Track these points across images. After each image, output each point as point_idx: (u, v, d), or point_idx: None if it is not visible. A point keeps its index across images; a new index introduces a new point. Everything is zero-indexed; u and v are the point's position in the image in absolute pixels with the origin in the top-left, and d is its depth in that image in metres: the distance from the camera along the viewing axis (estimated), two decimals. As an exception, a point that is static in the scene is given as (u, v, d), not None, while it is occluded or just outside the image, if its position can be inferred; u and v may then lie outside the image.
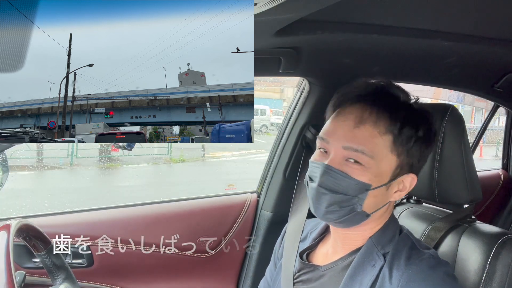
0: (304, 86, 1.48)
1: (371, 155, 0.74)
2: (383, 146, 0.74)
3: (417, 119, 0.77)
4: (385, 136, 0.75)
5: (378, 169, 0.74)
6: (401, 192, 0.79)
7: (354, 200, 0.75)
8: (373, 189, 0.75)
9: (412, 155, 0.77)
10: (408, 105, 0.79)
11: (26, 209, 2.96)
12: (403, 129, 0.75)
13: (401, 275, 0.73)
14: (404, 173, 0.78)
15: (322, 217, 0.79)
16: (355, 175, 0.74)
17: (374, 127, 0.74)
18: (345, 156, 0.75)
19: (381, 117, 0.75)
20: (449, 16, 1.04)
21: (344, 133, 0.75)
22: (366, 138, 0.74)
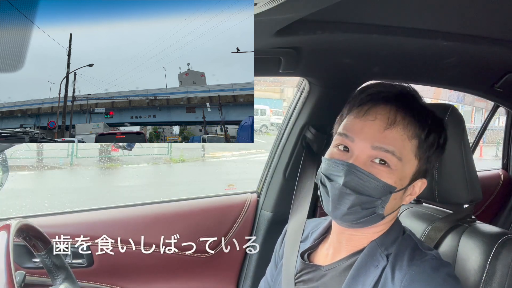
0: (304, 86, 1.48)
1: (399, 157, 0.74)
2: (410, 150, 0.75)
3: (440, 127, 0.80)
4: (413, 140, 0.75)
5: (403, 172, 0.75)
6: (412, 196, 0.81)
7: (377, 202, 0.74)
8: (396, 192, 0.75)
9: (431, 161, 0.79)
10: (433, 113, 0.80)
11: (26, 209, 2.96)
12: (429, 135, 0.77)
13: (403, 276, 0.73)
14: (419, 178, 0.79)
15: (340, 217, 0.77)
16: (382, 176, 0.73)
17: (404, 130, 0.75)
18: (372, 156, 0.74)
19: (411, 122, 0.76)
20: (449, 16, 1.04)
21: (374, 133, 0.74)
22: (397, 140, 0.74)
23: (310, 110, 1.46)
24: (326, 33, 1.04)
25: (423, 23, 1.08)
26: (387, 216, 0.79)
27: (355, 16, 1.02)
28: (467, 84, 1.69)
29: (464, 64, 1.43)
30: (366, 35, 1.08)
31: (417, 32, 1.09)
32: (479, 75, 1.59)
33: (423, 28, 1.09)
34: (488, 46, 1.20)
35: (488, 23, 1.10)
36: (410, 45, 1.20)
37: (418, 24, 1.08)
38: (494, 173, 2.38)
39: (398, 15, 1.03)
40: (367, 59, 1.31)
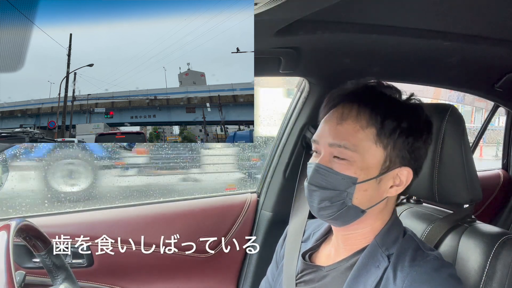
0: (304, 86, 1.48)
1: (354, 149, 0.75)
2: (367, 139, 0.76)
3: (399, 112, 0.78)
4: (368, 129, 0.76)
5: (363, 162, 0.76)
6: (398, 187, 0.79)
7: (344, 195, 0.76)
8: (361, 183, 0.76)
9: (400, 147, 0.77)
10: (389, 98, 0.80)
11: (26, 209, 2.95)
12: (385, 121, 0.76)
13: (405, 277, 0.73)
14: (395, 167, 0.78)
15: (316, 213, 0.81)
16: (341, 169, 0.76)
17: (355, 122, 0.76)
18: (332, 153, 0.77)
19: (362, 112, 0.77)
20: (449, 16, 1.04)
21: (329, 131, 0.79)
22: (349, 133, 0.76)
23: (310, 110, 1.46)
24: (326, 33, 1.04)
25: (423, 23, 1.08)
26: (370, 210, 0.79)
27: (355, 16, 1.02)
28: (467, 84, 1.69)
29: (464, 64, 1.43)
30: (366, 35, 1.08)
31: (417, 32, 1.09)
32: (479, 75, 1.59)
33: (423, 28, 1.09)
34: (488, 46, 1.21)
35: (488, 23, 1.10)
36: (410, 45, 1.20)
37: (418, 24, 1.08)
38: (494, 173, 2.38)
39: (398, 15, 1.03)
40: (367, 59, 1.31)
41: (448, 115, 0.94)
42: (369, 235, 0.82)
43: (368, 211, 0.79)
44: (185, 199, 1.58)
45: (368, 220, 0.81)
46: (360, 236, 0.82)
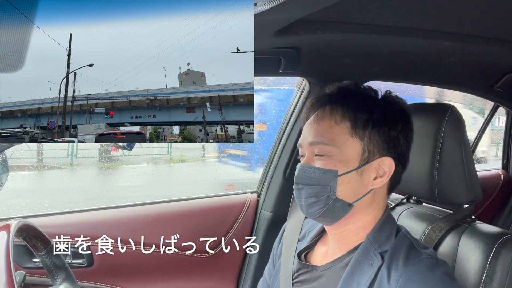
0: (304, 86, 1.48)
1: (331, 144, 0.79)
2: (342, 133, 0.80)
3: (370, 104, 0.82)
4: (342, 123, 0.80)
5: (342, 155, 0.79)
6: (382, 177, 0.81)
7: (327, 188, 0.79)
8: (342, 175, 0.78)
9: (376, 137, 0.80)
10: (360, 94, 0.84)
11: (26, 209, 2.96)
12: (357, 114, 0.80)
13: (399, 276, 0.74)
14: (375, 157, 0.80)
15: (306, 212, 0.83)
16: (322, 165, 0.80)
17: (330, 118, 0.81)
18: (313, 152, 0.81)
19: (335, 108, 0.81)
20: (449, 16, 1.04)
21: (308, 132, 0.83)
22: (325, 129, 0.81)
23: (310, 110, 1.46)
24: (326, 33, 1.04)
25: (423, 23, 1.08)
26: (357, 204, 0.80)
27: (355, 16, 1.02)
28: (467, 84, 1.69)
29: (464, 64, 1.43)
30: (366, 35, 1.08)
31: (417, 32, 1.09)
32: (479, 75, 1.59)
33: (423, 28, 1.09)
34: (488, 46, 1.21)
35: (488, 23, 1.10)
36: (410, 45, 1.20)
37: (418, 24, 1.08)
38: (494, 173, 2.38)
39: (398, 15, 1.03)
40: (367, 59, 1.31)
41: (448, 115, 0.94)
42: (362, 232, 0.82)
43: (356, 205, 0.80)
44: (185, 199, 1.58)
45: (357, 215, 0.81)
46: (352, 233, 0.83)
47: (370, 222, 0.83)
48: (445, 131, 0.94)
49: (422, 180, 0.98)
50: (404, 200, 1.16)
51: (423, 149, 0.97)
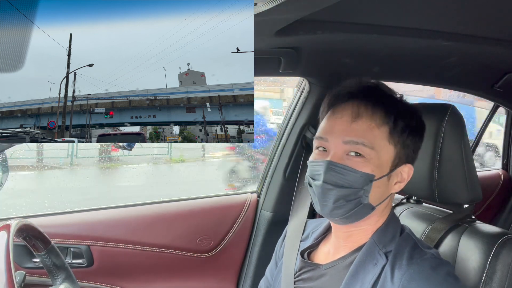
0: (304, 86, 1.48)
1: (371, 146, 0.76)
2: (381, 137, 0.78)
3: (408, 112, 0.81)
4: (382, 127, 0.78)
5: (379, 160, 0.77)
6: (401, 183, 0.82)
7: (360, 193, 0.76)
8: (376, 180, 0.77)
9: (408, 145, 0.80)
10: (398, 99, 0.83)
11: (26, 209, 2.95)
12: (398, 120, 0.79)
13: (402, 275, 0.74)
14: (401, 164, 0.80)
15: (329, 213, 0.79)
16: (359, 167, 0.76)
17: (370, 120, 0.78)
18: (346, 150, 0.77)
19: (376, 110, 0.78)
20: (449, 16, 1.04)
21: (343, 128, 0.78)
22: (365, 131, 0.77)
23: (310, 110, 1.46)
24: (326, 33, 1.04)
25: (423, 23, 1.08)
26: (377, 206, 0.80)
27: (355, 16, 1.02)
28: (467, 84, 1.69)
29: (464, 64, 1.43)
30: (366, 35, 1.08)
31: (417, 32, 1.09)
32: (479, 75, 1.59)
33: (423, 28, 1.09)
34: (488, 46, 1.21)
35: (488, 23, 1.10)
36: (410, 45, 1.20)
37: (418, 24, 1.08)
38: (494, 173, 2.38)
39: (398, 15, 1.03)
40: (367, 59, 1.31)
41: (448, 115, 0.94)
42: (370, 232, 0.82)
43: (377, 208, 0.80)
44: (185, 199, 1.58)
45: (373, 217, 0.81)
46: (361, 233, 0.82)
47: (379, 222, 0.83)
48: (445, 131, 0.94)
49: (422, 180, 0.98)
50: (404, 200, 1.16)
51: (423, 149, 0.97)
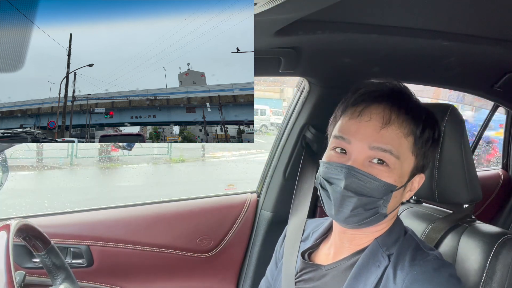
0: (304, 86, 1.48)
1: (397, 156, 0.73)
2: (407, 147, 0.75)
3: (434, 122, 0.80)
4: (409, 137, 0.75)
5: (401, 170, 0.75)
6: (411, 192, 0.81)
7: (380, 202, 0.74)
8: (397, 190, 0.75)
9: (428, 156, 0.79)
10: (426, 109, 0.80)
11: (26, 209, 2.95)
12: (424, 131, 0.76)
13: (405, 276, 0.73)
14: (417, 174, 0.79)
15: (344, 220, 0.76)
16: (382, 176, 0.73)
17: (400, 128, 0.74)
18: (370, 156, 0.74)
19: (406, 119, 0.75)
20: (449, 16, 1.04)
21: (371, 133, 0.74)
22: (394, 139, 0.74)
23: (310, 110, 1.46)
24: (326, 33, 1.04)
25: (423, 23, 1.08)
26: (389, 214, 0.79)
27: (355, 16, 1.02)
28: (467, 84, 1.69)
29: (464, 64, 1.43)
30: (366, 35, 1.08)
31: (417, 32, 1.09)
32: (479, 75, 1.59)
33: (423, 28, 1.09)
34: (488, 46, 1.20)
35: (488, 23, 1.10)
36: (409, 45, 1.20)
37: (418, 24, 1.08)
38: (494, 173, 2.38)
39: (398, 15, 1.03)
40: (367, 59, 1.31)
41: (448, 115, 0.94)
42: (374, 234, 0.82)
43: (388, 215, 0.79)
44: (185, 199, 1.58)
45: (383, 224, 0.81)
46: (366, 236, 0.82)
47: (385, 226, 0.82)
48: (445, 131, 0.94)
49: (422, 180, 0.98)
50: (404, 200, 1.16)
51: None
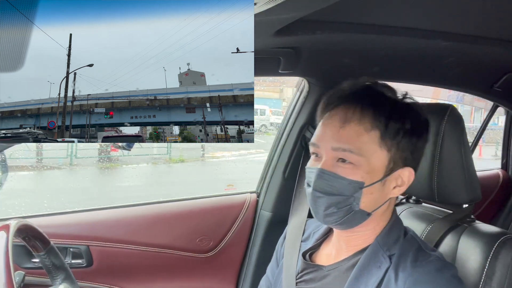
0: (304, 86, 1.48)
1: (359, 153, 0.74)
2: (371, 143, 0.75)
3: (402, 112, 0.77)
4: (372, 132, 0.75)
5: (369, 166, 0.75)
6: (400, 187, 0.79)
7: (350, 200, 0.75)
8: (367, 187, 0.75)
9: (403, 148, 0.77)
10: (392, 100, 0.79)
11: (25, 209, 2.96)
12: (389, 123, 0.75)
13: (407, 277, 0.73)
14: (398, 168, 0.77)
15: (322, 220, 0.79)
16: (347, 174, 0.74)
17: (359, 124, 0.75)
18: (336, 157, 0.76)
19: (365, 114, 0.75)
20: (449, 16, 1.04)
21: (332, 134, 0.76)
22: (352, 137, 0.75)
23: (309, 110, 1.46)
24: (325, 33, 1.04)
25: (422, 23, 1.08)
26: (374, 212, 0.78)
27: (355, 16, 1.02)
28: (466, 84, 1.69)
29: (464, 64, 1.43)
30: (365, 35, 1.08)
31: (416, 32, 1.09)
32: (478, 75, 1.60)
33: (422, 28, 1.09)
34: (488, 46, 1.21)
35: (488, 23, 1.10)
36: (409, 45, 1.20)
37: (418, 24, 1.08)
38: (494, 173, 2.38)
39: (397, 15, 1.03)
40: (367, 59, 1.31)
41: (447, 115, 0.94)
42: (371, 235, 0.82)
43: (373, 213, 0.78)
44: (185, 199, 1.58)
45: (372, 223, 0.80)
46: (362, 237, 0.82)
47: (381, 226, 0.82)
48: (445, 131, 0.94)
49: (421, 180, 0.98)
50: (404, 200, 1.16)
51: (422, 149, 0.97)
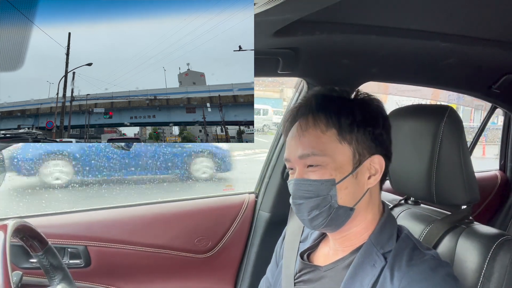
0: (303, 87, 1.48)
1: (323, 154, 0.78)
2: (330, 141, 0.79)
3: (351, 108, 0.82)
4: (328, 132, 0.79)
5: (335, 163, 0.78)
6: (375, 175, 0.82)
7: (328, 199, 0.78)
8: (339, 182, 0.78)
9: (363, 139, 0.80)
10: (340, 99, 0.84)
11: (23, 209, 2.96)
12: (341, 119, 0.79)
13: (402, 276, 0.74)
14: (366, 158, 0.81)
15: (309, 226, 0.82)
16: (318, 176, 0.79)
17: (315, 129, 0.80)
18: (305, 164, 0.80)
19: (318, 118, 0.80)
20: (448, 17, 1.04)
21: (295, 145, 0.82)
22: (312, 141, 0.79)
23: (308, 111, 1.46)
24: (325, 34, 1.04)
25: (421, 25, 1.08)
26: (357, 206, 0.80)
27: (354, 17, 1.02)
28: (465, 85, 1.70)
29: (462, 65, 1.43)
30: (364, 36, 1.08)
31: (415, 33, 1.10)
32: (477, 76, 1.60)
33: (421, 29, 1.09)
34: (486, 47, 1.21)
35: (486, 25, 1.10)
36: (408, 46, 1.20)
37: (417, 25, 1.08)
38: (492, 174, 2.38)
39: (396, 16, 1.03)
40: (365, 60, 1.31)
41: (446, 116, 0.94)
42: (364, 233, 0.83)
43: (356, 207, 0.80)
44: (183, 200, 1.58)
45: (358, 217, 0.82)
46: (355, 235, 0.83)
47: (371, 221, 0.83)
48: (443, 132, 0.94)
49: (420, 181, 0.98)
50: (402, 201, 1.16)
51: (421, 151, 0.97)
